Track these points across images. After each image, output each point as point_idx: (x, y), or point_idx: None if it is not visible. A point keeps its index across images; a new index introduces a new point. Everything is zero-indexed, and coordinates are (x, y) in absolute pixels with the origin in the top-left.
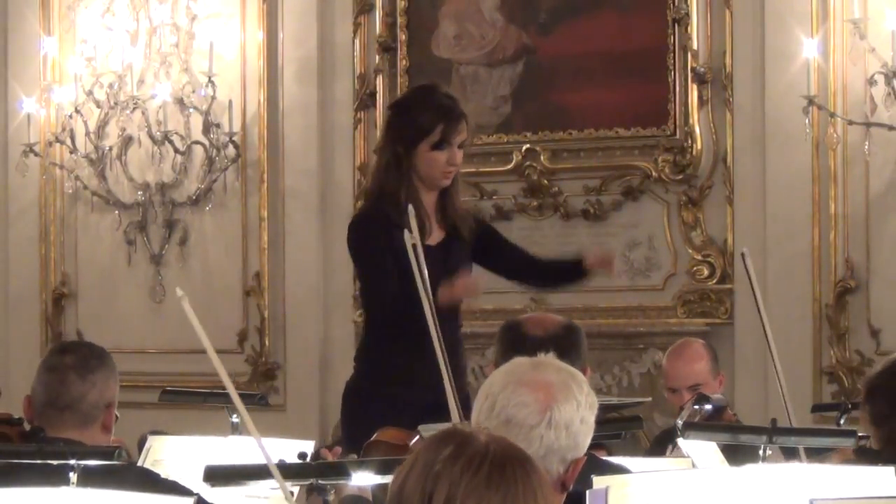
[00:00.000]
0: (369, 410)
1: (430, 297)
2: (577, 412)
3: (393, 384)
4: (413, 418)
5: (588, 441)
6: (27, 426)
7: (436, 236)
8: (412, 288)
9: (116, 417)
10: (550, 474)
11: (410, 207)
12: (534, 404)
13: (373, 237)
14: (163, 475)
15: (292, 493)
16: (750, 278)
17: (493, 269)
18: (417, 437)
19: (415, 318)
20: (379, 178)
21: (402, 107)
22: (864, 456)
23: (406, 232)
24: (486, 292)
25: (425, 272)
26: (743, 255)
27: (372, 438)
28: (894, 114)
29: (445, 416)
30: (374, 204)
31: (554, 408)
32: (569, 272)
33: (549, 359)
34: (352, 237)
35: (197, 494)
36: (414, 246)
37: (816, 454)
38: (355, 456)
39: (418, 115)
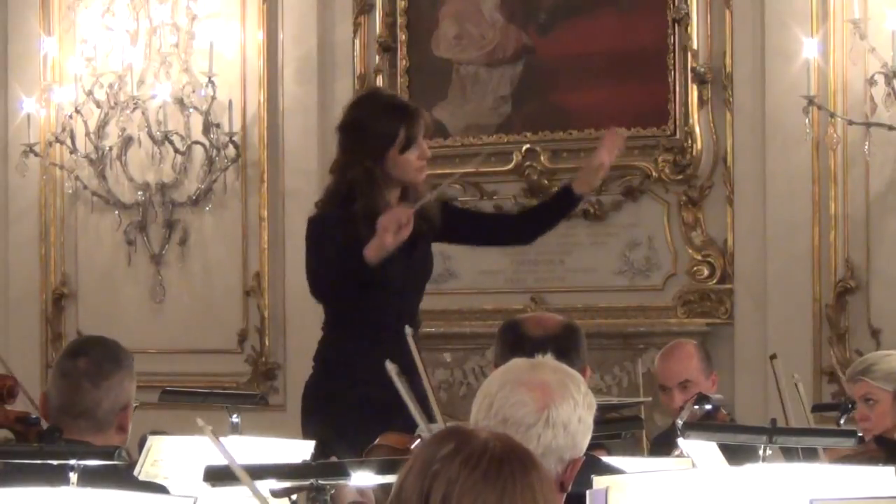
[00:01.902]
0: (330, 410)
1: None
2: (575, 412)
3: (353, 383)
4: (374, 416)
5: (586, 441)
6: (44, 425)
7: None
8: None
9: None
10: (549, 474)
11: (408, 329)
12: (531, 403)
13: (331, 230)
14: (162, 475)
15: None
16: (777, 383)
17: (471, 241)
18: (418, 440)
19: (371, 314)
20: (348, 193)
21: (354, 123)
22: (884, 445)
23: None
24: (485, 292)
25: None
26: (772, 358)
27: (374, 443)
28: (894, 114)
29: (404, 414)
30: (336, 209)
31: (551, 407)
32: (556, 205)
33: (546, 360)
34: (310, 230)
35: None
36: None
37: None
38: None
39: (376, 126)
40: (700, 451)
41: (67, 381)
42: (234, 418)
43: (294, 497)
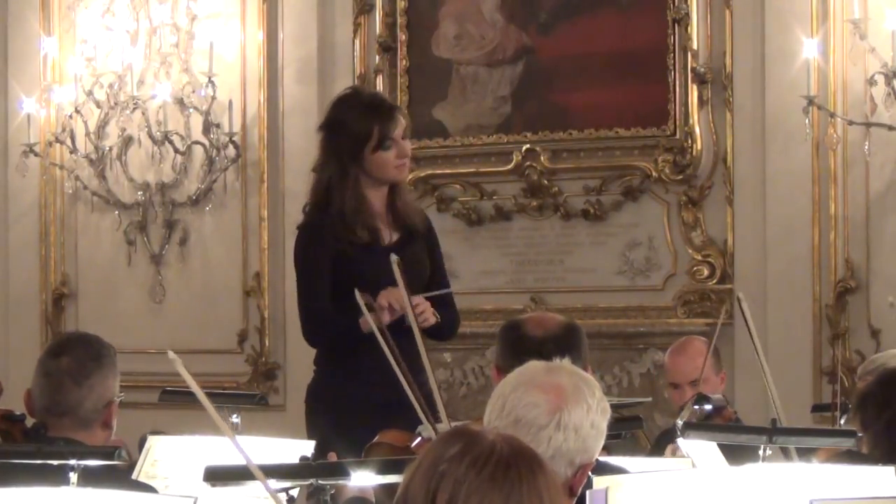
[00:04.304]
0: (332, 412)
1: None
2: (588, 416)
3: (353, 385)
4: (376, 417)
5: (598, 447)
6: (28, 423)
7: (391, 236)
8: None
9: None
10: (557, 477)
11: (393, 256)
12: (544, 405)
13: (314, 247)
14: (162, 475)
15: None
16: (747, 322)
17: None
18: (419, 438)
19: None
20: (325, 195)
21: (332, 123)
22: (852, 458)
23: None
24: (485, 292)
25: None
26: (739, 299)
27: (373, 441)
28: (894, 114)
29: (408, 413)
30: (320, 215)
31: (564, 410)
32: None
33: (563, 363)
34: (297, 248)
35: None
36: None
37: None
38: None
39: (351, 124)
40: (700, 450)
41: (50, 381)
42: (235, 418)
43: (295, 493)
